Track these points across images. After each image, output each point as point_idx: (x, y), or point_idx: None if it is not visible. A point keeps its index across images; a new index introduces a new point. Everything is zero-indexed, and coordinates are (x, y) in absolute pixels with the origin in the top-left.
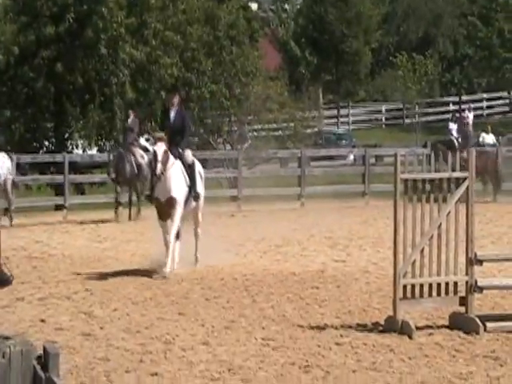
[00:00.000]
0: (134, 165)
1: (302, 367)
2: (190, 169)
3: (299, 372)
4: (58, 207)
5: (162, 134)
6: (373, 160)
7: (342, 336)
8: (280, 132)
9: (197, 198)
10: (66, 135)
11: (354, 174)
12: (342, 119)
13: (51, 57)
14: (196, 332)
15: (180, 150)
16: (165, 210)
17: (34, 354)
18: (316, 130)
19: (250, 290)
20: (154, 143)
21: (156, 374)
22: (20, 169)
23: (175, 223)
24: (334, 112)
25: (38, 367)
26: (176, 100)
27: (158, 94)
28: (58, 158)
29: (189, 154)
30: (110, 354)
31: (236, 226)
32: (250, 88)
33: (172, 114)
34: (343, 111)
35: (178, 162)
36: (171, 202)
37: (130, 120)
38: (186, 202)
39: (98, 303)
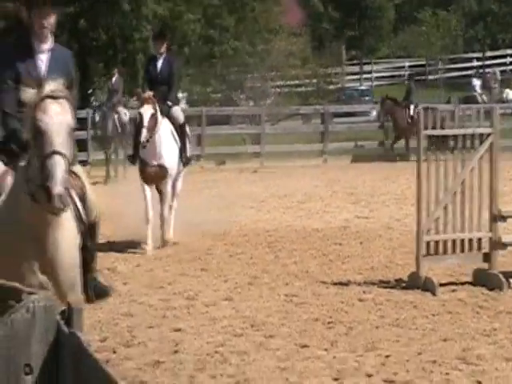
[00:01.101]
0: (118, 124)
1: (325, 323)
2: (180, 129)
3: (322, 328)
4: (82, 163)
5: (150, 94)
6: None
7: (364, 292)
8: (302, 88)
9: (187, 163)
10: (90, 91)
11: (376, 131)
12: (364, 75)
13: (74, 13)
14: (219, 288)
15: (169, 106)
16: (152, 175)
17: (57, 309)
18: (339, 86)
19: (272, 246)
20: (141, 104)
21: (179, 330)
22: None
23: (168, 195)
24: (357, 68)
25: (62, 322)
26: (164, 47)
27: (180, 50)
28: (82, 113)
29: (179, 113)
30: (133, 310)
31: (259, 182)
32: (272, 44)
33: (159, 63)
34: (366, 67)
35: (167, 122)
36: (161, 171)
37: (113, 79)
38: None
39: (122, 259)
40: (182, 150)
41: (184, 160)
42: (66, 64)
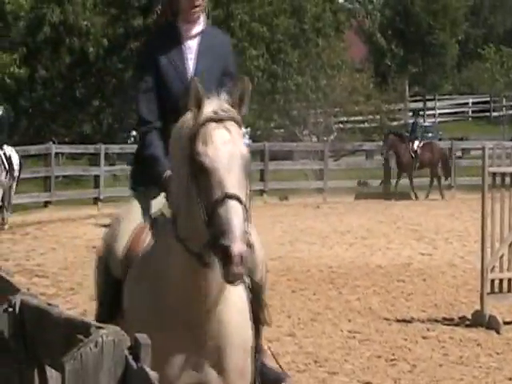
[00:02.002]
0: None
1: (388, 360)
2: None
3: (385, 365)
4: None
5: None
6: (459, 153)
7: (428, 330)
8: (366, 124)
9: None
10: None
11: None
12: (428, 112)
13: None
14: (282, 323)
15: None
16: None
17: (125, 343)
18: (402, 122)
19: (335, 283)
20: None
21: None
22: (108, 159)
23: None
24: (420, 105)
25: (130, 357)
26: None
27: None
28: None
29: None
30: None
31: (321, 218)
32: (335, 80)
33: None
34: (429, 104)
35: None
36: None
37: None
38: None
39: None
40: None
41: None
42: (222, 52)
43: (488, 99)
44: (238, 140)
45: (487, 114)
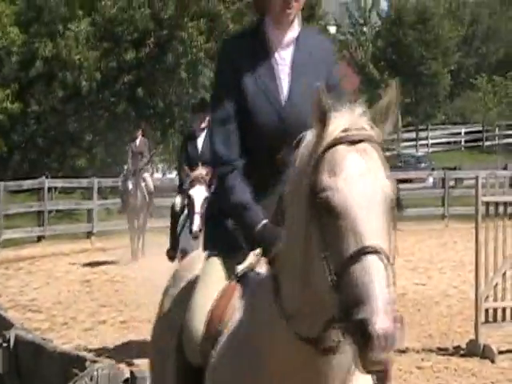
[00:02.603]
0: (146, 195)
1: None
2: None
3: None
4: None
5: (202, 173)
6: (452, 183)
7: (423, 360)
8: None
9: None
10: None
11: (433, 197)
12: (420, 142)
13: (132, 82)
14: None
15: None
16: None
17: (121, 377)
18: (395, 152)
19: None
20: (190, 185)
21: None
22: (101, 193)
23: None
24: (413, 135)
25: None
26: (205, 121)
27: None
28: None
29: (207, 194)
30: None
31: None
32: None
33: (199, 141)
34: (422, 134)
35: None
36: None
37: (137, 141)
38: None
39: None
40: None
41: None
42: (324, 63)
43: (481, 129)
44: (379, 170)
45: (480, 143)
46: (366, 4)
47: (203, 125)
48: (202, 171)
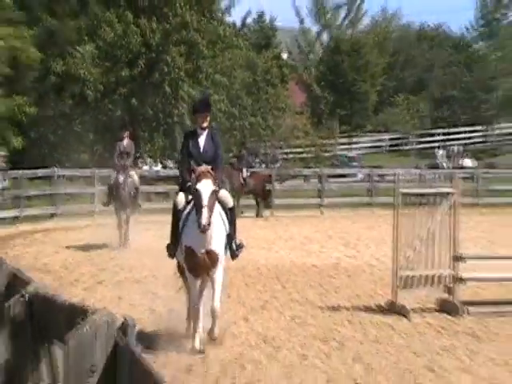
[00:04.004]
0: (132, 189)
1: (321, 339)
2: (230, 213)
3: (319, 343)
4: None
5: (207, 168)
6: (377, 178)
7: (352, 315)
8: (304, 155)
9: (236, 253)
10: (137, 155)
11: (361, 189)
12: (353, 146)
13: (127, 93)
14: (238, 310)
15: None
16: (201, 265)
17: (115, 324)
18: (332, 153)
19: (280, 278)
20: (197, 180)
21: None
22: (100, 180)
23: (218, 286)
24: (347, 140)
25: (120, 335)
26: (207, 120)
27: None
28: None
29: (227, 195)
30: (172, 326)
31: (270, 228)
32: (281, 120)
33: (202, 139)
34: (354, 139)
35: (216, 205)
36: (212, 257)
37: (125, 142)
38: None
39: (161, 285)
40: (232, 236)
41: (235, 247)
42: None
43: (399, 136)
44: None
45: (399, 147)
46: (311, 35)
47: (205, 124)
48: (207, 167)
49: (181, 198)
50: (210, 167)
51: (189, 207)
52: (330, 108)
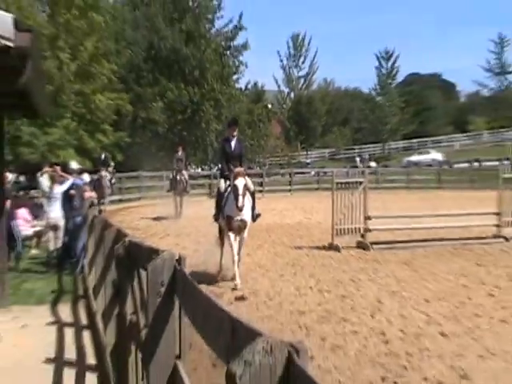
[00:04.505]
0: (184, 183)
1: (291, 265)
2: (252, 195)
3: (290, 267)
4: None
5: (241, 169)
6: (322, 174)
7: (309, 251)
8: (281, 161)
9: (256, 219)
10: (188, 163)
11: (313, 180)
12: (308, 156)
13: (181, 128)
14: (244, 250)
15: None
16: (237, 227)
17: (174, 258)
18: (297, 160)
19: (267, 231)
20: (234, 178)
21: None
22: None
23: (244, 241)
24: (305, 152)
25: (177, 264)
26: (236, 131)
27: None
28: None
29: (250, 183)
30: (206, 260)
31: (261, 204)
32: (268, 142)
33: (233, 143)
34: (309, 152)
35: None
36: (243, 223)
37: (179, 153)
38: None
39: (202, 237)
40: (253, 208)
41: (254, 216)
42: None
43: (334, 150)
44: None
45: (335, 156)
46: (284, 94)
47: (234, 133)
48: (241, 169)
49: (222, 183)
50: (242, 169)
51: (228, 190)
52: (295, 135)
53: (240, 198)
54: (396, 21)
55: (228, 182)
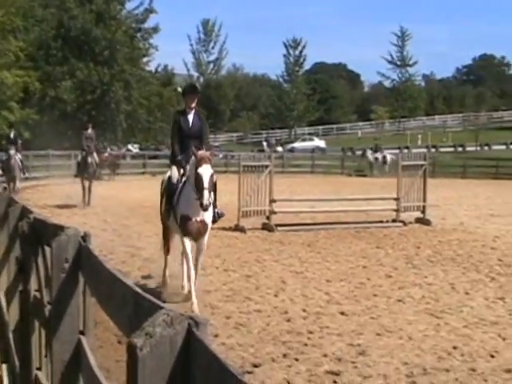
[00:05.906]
0: (94, 164)
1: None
2: (214, 187)
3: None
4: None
5: (207, 154)
6: (230, 157)
7: (216, 233)
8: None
9: (216, 220)
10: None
11: (222, 163)
12: (217, 139)
13: (90, 108)
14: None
15: None
16: (195, 231)
17: (79, 235)
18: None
19: None
20: (198, 164)
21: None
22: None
23: (205, 247)
24: (213, 136)
25: (81, 241)
26: (195, 102)
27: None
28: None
29: (213, 174)
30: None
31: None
32: None
33: (190, 117)
34: (217, 136)
35: None
36: (204, 226)
37: (89, 131)
38: None
39: (110, 216)
40: (215, 206)
41: (216, 216)
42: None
43: (242, 134)
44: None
45: (242, 141)
46: (193, 78)
47: (193, 104)
48: (207, 152)
49: (174, 172)
50: (208, 153)
51: (183, 181)
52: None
53: (206, 192)
54: (305, 12)
55: (182, 171)
